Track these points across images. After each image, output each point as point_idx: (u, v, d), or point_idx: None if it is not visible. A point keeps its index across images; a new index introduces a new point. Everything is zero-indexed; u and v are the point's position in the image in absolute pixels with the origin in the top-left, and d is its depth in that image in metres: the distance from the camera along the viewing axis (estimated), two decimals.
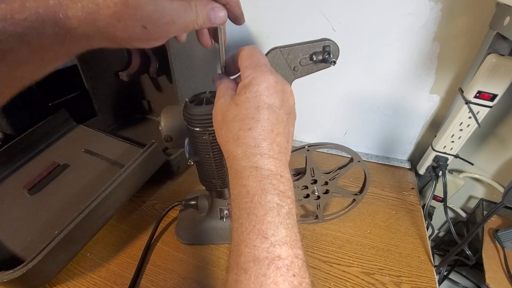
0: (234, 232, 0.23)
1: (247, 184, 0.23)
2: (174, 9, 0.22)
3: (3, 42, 0.18)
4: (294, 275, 0.20)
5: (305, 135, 0.79)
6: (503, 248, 0.56)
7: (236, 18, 0.28)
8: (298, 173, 0.50)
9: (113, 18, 0.20)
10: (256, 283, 0.19)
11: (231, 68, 0.31)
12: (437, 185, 0.59)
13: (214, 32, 0.29)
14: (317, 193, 0.51)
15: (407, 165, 0.71)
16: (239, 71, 0.29)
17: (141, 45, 0.23)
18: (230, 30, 0.74)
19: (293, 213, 0.23)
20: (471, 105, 0.50)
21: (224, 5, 0.26)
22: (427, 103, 0.62)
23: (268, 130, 0.24)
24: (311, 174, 0.49)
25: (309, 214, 0.57)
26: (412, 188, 0.65)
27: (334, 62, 0.36)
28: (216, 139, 0.38)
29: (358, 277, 0.47)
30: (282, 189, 0.23)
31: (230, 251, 0.22)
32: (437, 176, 0.60)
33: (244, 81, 0.25)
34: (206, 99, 0.37)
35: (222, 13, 0.26)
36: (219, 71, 0.32)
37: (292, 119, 0.27)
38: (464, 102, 0.50)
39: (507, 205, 0.38)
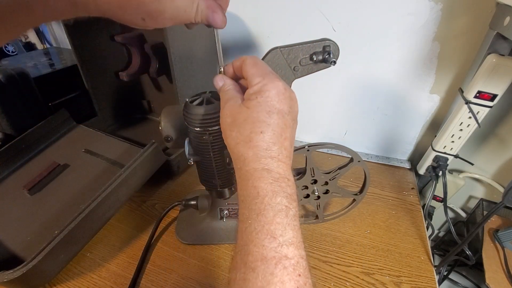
0: (242, 232, 0.23)
1: (257, 185, 0.24)
2: (175, 7, 0.23)
3: (6, 7, 0.19)
4: (300, 275, 0.20)
5: (305, 135, 0.79)
6: (503, 248, 0.56)
7: None
8: (298, 173, 0.50)
9: (116, 6, 0.22)
10: (263, 282, 0.20)
11: (230, 75, 0.31)
12: (437, 185, 0.59)
13: None
14: (317, 193, 0.51)
15: (407, 165, 0.71)
16: (239, 79, 0.31)
17: (136, 27, 0.24)
18: (230, 30, 0.74)
19: (297, 216, 0.24)
20: (471, 105, 0.50)
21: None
22: (427, 103, 0.62)
23: (278, 135, 0.25)
24: (311, 174, 0.49)
25: (309, 214, 0.57)
26: (412, 188, 0.65)
27: (334, 62, 0.36)
28: (216, 139, 0.38)
29: (358, 277, 0.47)
30: (289, 192, 0.24)
31: (236, 251, 0.23)
32: (437, 176, 0.60)
33: (254, 88, 0.26)
34: (206, 99, 0.37)
35: (221, 19, 0.27)
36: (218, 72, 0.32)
37: (295, 124, 0.28)
38: (464, 102, 0.50)
39: (507, 205, 0.38)
